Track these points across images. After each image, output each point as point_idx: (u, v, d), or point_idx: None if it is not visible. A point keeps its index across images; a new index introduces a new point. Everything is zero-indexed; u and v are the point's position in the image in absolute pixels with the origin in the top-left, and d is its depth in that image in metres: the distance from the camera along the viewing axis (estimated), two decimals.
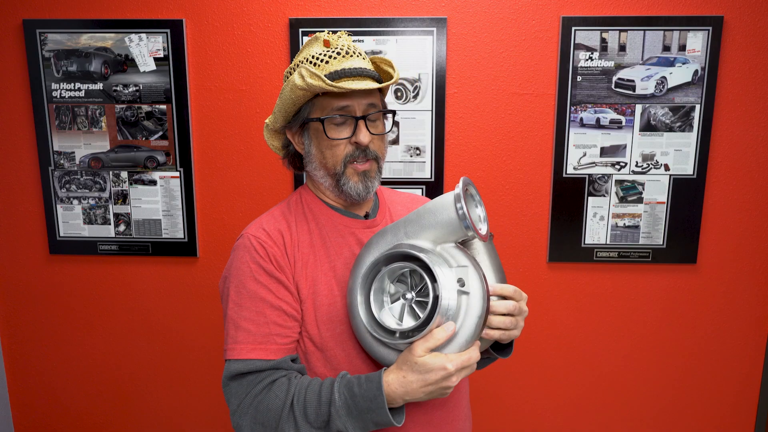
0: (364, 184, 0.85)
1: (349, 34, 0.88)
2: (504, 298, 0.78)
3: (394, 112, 0.90)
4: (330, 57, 0.82)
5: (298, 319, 0.84)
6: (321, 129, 0.84)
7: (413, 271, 0.75)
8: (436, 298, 0.70)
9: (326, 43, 0.84)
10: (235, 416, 0.80)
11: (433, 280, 0.70)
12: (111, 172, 1.65)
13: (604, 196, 1.61)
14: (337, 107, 0.82)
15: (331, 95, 0.83)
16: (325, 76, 0.80)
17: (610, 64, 1.53)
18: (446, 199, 0.74)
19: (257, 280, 0.82)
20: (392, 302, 0.77)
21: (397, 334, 0.74)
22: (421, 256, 0.71)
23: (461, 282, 0.71)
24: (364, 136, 0.83)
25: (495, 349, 0.90)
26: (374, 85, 0.83)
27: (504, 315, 0.77)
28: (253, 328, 0.81)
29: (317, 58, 0.83)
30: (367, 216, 0.93)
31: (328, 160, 0.85)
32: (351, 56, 0.83)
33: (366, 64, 0.85)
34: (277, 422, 0.76)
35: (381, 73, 0.91)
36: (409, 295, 0.76)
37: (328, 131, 0.83)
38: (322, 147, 0.85)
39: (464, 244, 0.81)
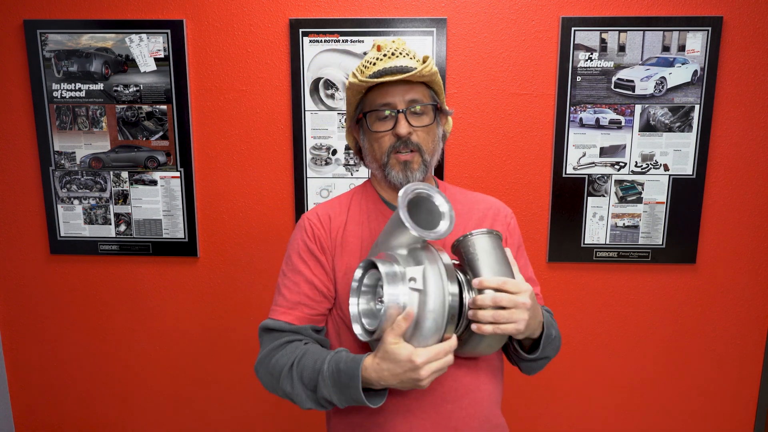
0: (404, 174, 0.91)
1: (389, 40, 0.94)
2: (499, 291, 0.78)
3: (435, 106, 0.94)
4: (378, 59, 0.90)
5: (327, 297, 0.94)
6: (366, 123, 0.93)
7: None
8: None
9: (378, 48, 0.91)
10: (257, 362, 0.93)
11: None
12: (111, 172, 1.65)
13: (604, 196, 1.61)
14: (380, 103, 0.90)
15: (376, 93, 0.90)
16: (370, 74, 0.88)
17: (610, 64, 1.53)
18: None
19: (300, 255, 0.95)
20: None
21: (374, 335, 0.79)
22: (374, 259, 0.79)
23: (413, 280, 0.76)
24: (401, 128, 0.88)
25: (523, 350, 0.92)
26: (395, 77, 0.86)
27: (497, 308, 0.77)
28: (288, 295, 0.94)
29: (369, 62, 0.90)
30: None
31: (376, 152, 0.93)
32: (398, 57, 0.89)
33: (411, 63, 0.89)
34: (280, 376, 0.88)
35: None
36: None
37: (371, 125, 0.92)
38: (371, 140, 0.93)
39: (461, 246, 0.84)
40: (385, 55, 0.89)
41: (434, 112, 0.93)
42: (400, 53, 0.90)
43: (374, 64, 0.89)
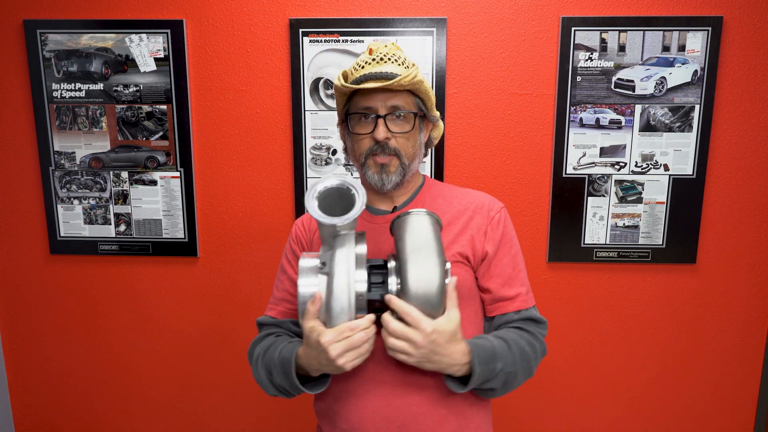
0: (380, 176, 0.93)
1: (387, 43, 0.96)
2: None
3: (415, 114, 0.93)
4: (367, 63, 0.91)
5: None
6: (349, 124, 0.95)
7: None
8: None
9: (370, 51, 0.93)
10: (247, 355, 1.01)
11: None
12: (111, 172, 1.65)
13: (604, 196, 1.61)
14: (363, 106, 0.92)
15: (360, 96, 0.92)
16: (356, 78, 0.90)
17: (610, 64, 1.53)
18: None
19: (286, 257, 1.04)
20: None
21: None
22: (301, 255, 0.85)
23: (324, 264, 0.80)
24: (378, 133, 0.90)
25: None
26: (375, 84, 0.88)
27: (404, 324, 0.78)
28: (275, 293, 1.03)
29: (358, 64, 0.92)
30: (395, 209, 0.99)
31: (356, 152, 0.95)
32: (386, 62, 0.90)
33: (398, 70, 0.90)
34: (252, 364, 0.96)
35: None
36: None
37: (352, 126, 0.94)
38: (353, 140, 0.95)
39: (392, 228, 0.85)
40: (374, 59, 0.91)
41: (418, 120, 0.94)
42: (389, 59, 0.91)
43: (362, 67, 0.91)
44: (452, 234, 0.94)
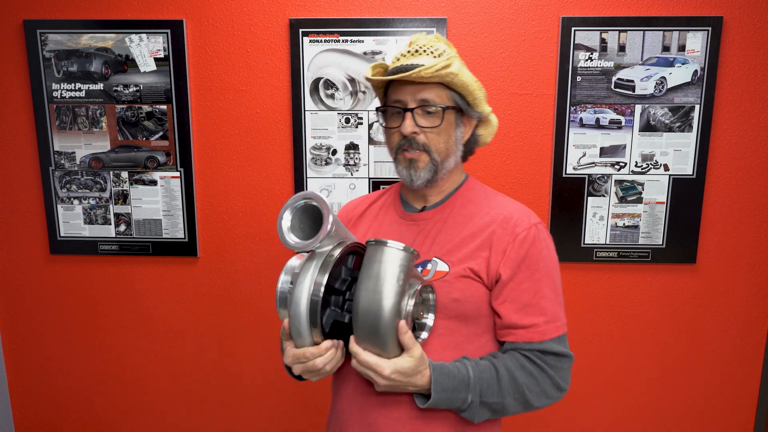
0: (408, 171, 0.90)
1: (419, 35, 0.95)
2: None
3: (444, 108, 0.87)
4: (403, 55, 0.90)
5: None
6: (382, 117, 0.95)
7: None
8: None
9: (410, 43, 0.91)
10: None
11: None
12: (111, 172, 1.65)
13: (604, 196, 1.61)
14: (393, 99, 0.90)
15: (392, 88, 0.91)
16: (390, 70, 0.89)
17: (610, 64, 1.53)
18: None
19: None
20: None
21: None
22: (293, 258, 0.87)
23: (292, 281, 0.82)
24: (404, 127, 0.88)
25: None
26: (397, 77, 0.85)
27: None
28: None
29: (396, 57, 0.91)
30: (424, 209, 0.96)
31: (389, 145, 0.95)
32: (420, 54, 0.88)
33: (430, 61, 0.85)
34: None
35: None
36: None
37: (386, 120, 0.93)
38: (386, 133, 0.95)
39: (370, 249, 0.81)
40: (409, 51, 0.89)
41: (452, 114, 0.89)
42: (425, 50, 0.87)
43: (398, 59, 0.89)
44: (471, 248, 0.87)
